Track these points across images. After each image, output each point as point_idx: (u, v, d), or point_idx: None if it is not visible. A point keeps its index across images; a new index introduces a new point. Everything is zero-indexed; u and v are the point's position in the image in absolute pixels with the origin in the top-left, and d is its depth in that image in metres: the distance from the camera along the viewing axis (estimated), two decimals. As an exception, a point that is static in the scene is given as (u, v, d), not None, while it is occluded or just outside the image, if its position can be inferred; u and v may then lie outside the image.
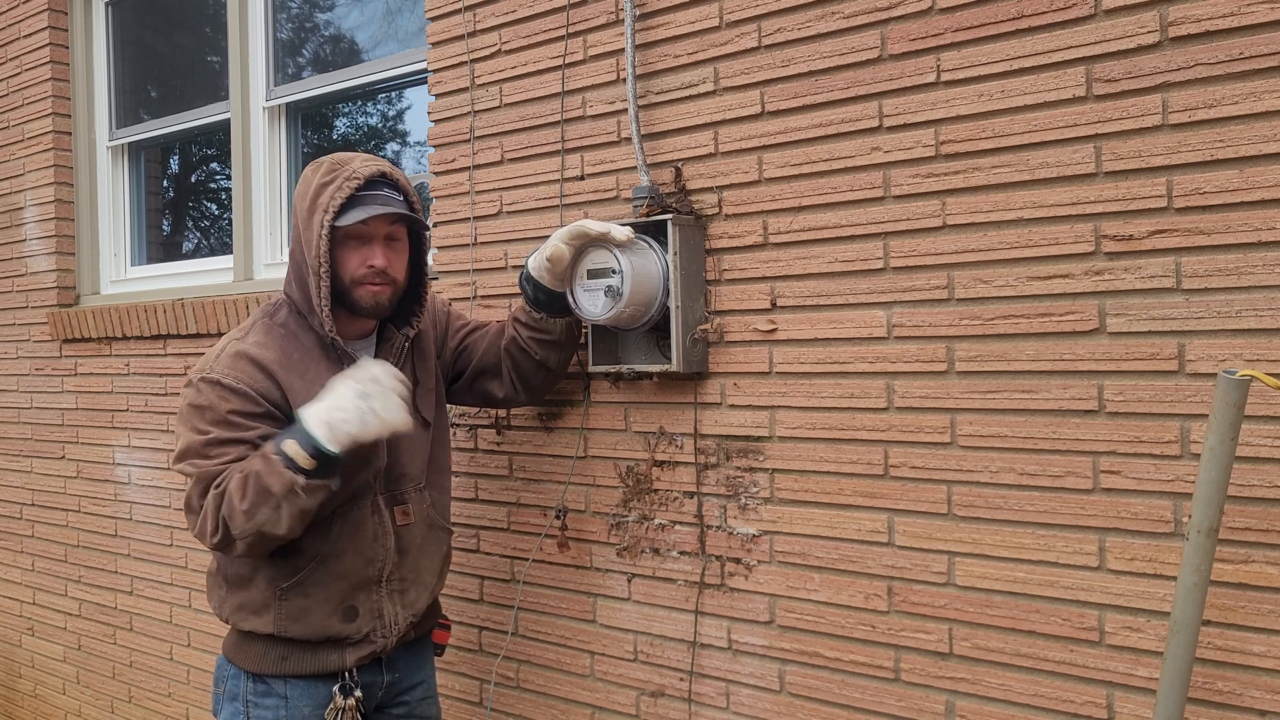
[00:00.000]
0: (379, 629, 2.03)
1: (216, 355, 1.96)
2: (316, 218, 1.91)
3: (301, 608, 1.98)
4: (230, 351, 1.95)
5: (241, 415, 1.90)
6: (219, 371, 1.93)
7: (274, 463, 1.82)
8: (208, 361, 1.96)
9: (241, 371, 1.92)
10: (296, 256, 1.98)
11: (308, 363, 1.97)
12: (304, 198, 1.95)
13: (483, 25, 2.48)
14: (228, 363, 1.94)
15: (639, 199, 2.10)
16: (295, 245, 1.99)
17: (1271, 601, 1.52)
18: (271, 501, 1.81)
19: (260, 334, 1.99)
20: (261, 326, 2.01)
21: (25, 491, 4.07)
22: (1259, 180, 1.51)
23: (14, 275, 4.05)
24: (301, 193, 1.97)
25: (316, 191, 1.93)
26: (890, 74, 1.85)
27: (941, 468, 1.81)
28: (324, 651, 2.00)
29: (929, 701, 1.83)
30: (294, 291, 2.01)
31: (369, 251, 1.95)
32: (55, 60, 3.89)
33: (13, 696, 4.25)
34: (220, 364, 1.94)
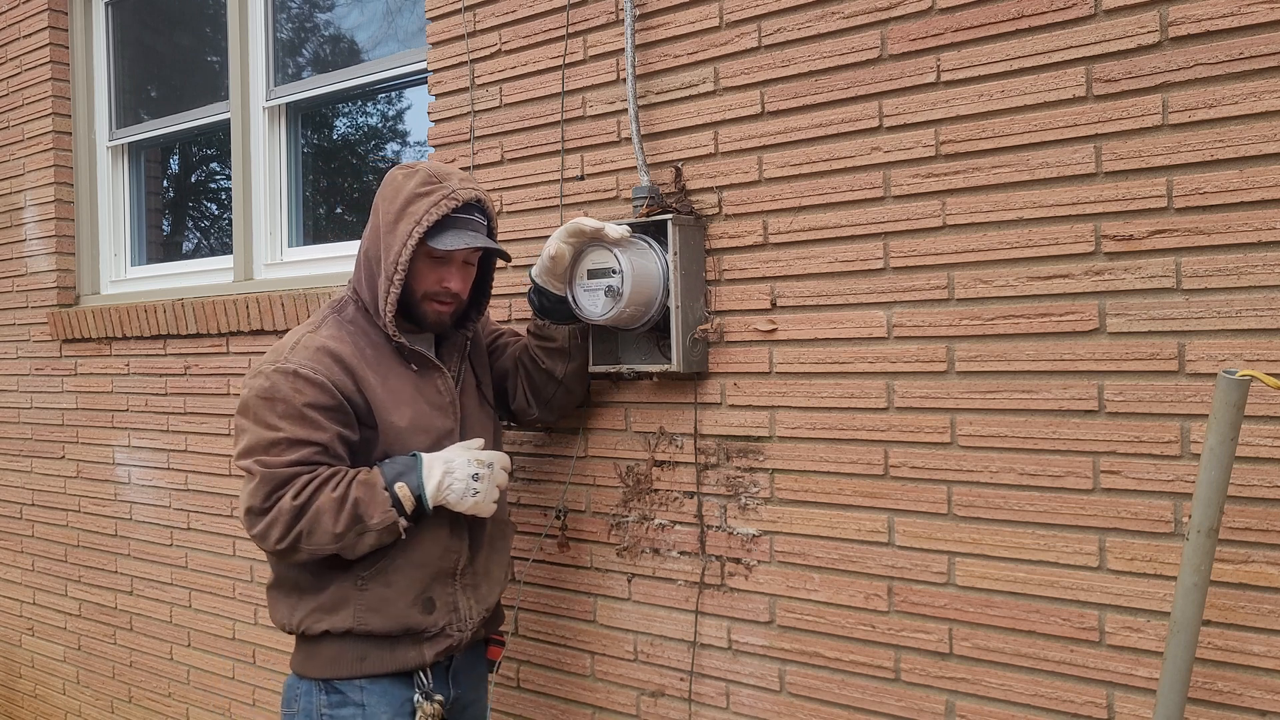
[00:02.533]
0: (455, 622, 1.99)
1: (291, 347, 1.91)
2: (404, 227, 1.88)
3: (382, 597, 1.93)
4: (307, 344, 1.91)
5: (317, 409, 1.86)
6: (296, 362, 1.87)
7: (380, 498, 1.83)
8: (280, 353, 1.91)
9: (320, 363, 1.88)
10: (370, 256, 1.96)
11: (381, 360, 1.96)
12: (391, 201, 1.93)
13: (483, 25, 2.48)
14: (306, 354, 1.89)
15: (639, 199, 2.10)
16: (371, 245, 1.96)
17: (1271, 601, 1.52)
18: (363, 531, 1.83)
19: (333, 328, 1.96)
20: (333, 322, 1.98)
21: (25, 491, 4.07)
22: (1259, 180, 1.51)
23: (14, 275, 4.05)
24: (389, 195, 1.94)
25: (409, 200, 1.90)
26: (890, 74, 1.85)
27: (941, 468, 1.81)
28: (402, 647, 1.95)
29: (929, 701, 1.83)
30: (364, 290, 1.99)
31: (446, 273, 1.95)
32: (55, 60, 3.89)
33: (13, 696, 4.25)
34: (297, 355, 1.89)
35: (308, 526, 1.82)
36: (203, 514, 3.35)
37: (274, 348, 1.96)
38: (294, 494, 1.82)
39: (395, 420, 1.94)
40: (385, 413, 1.93)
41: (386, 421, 1.93)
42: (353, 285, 2.03)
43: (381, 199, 1.96)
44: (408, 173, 1.96)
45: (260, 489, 1.84)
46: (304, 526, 1.82)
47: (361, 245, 2.01)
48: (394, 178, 1.96)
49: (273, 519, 1.83)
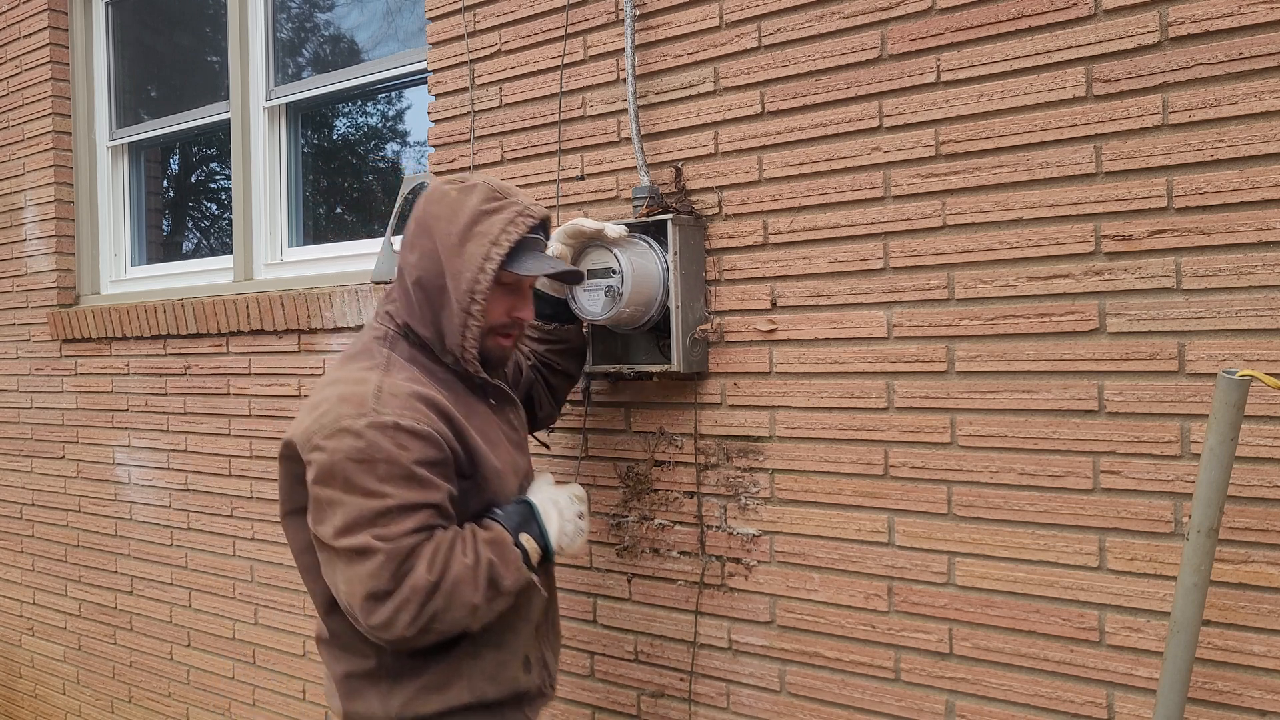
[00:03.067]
0: (546, 679, 1.84)
1: (375, 396, 1.60)
2: (476, 249, 1.66)
3: (498, 662, 1.72)
4: (392, 389, 1.62)
5: (426, 466, 1.59)
6: (392, 412, 1.58)
7: (511, 556, 1.63)
8: (362, 404, 1.59)
9: (419, 412, 1.61)
10: (426, 283, 1.70)
11: (459, 400, 1.72)
12: (450, 220, 1.68)
13: (483, 25, 2.48)
14: (399, 403, 1.60)
15: (639, 199, 2.10)
16: (427, 271, 1.70)
17: (1271, 601, 1.52)
18: (496, 597, 1.61)
19: (407, 370, 1.69)
20: (400, 362, 1.70)
21: (25, 491, 4.07)
22: (1259, 180, 1.51)
23: (14, 275, 4.05)
24: (444, 214, 1.70)
25: (476, 217, 1.68)
26: (890, 74, 1.84)
27: (941, 468, 1.81)
28: (509, 712, 1.75)
29: (929, 701, 1.83)
30: (420, 324, 1.72)
31: (518, 302, 1.75)
32: (55, 60, 3.89)
33: (13, 696, 4.25)
34: (389, 404, 1.60)
35: (444, 603, 1.55)
36: (203, 514, 3.35)
37: (338, 395, 1.62)
38: (426, 567, 1.54)
39: (495, 464, 1.72)
40: (485, 458, 1.69)
41: (490, 467, 1.70)
42: (396, 317, 1.75)
43: (433, 217, 1.70)
44: (463, 188, 1.72)
45: (385, 568, 1.53)
46: (439, 604, 1.55)
47: (406, 271, 1.73)
48: (445, 194, 1.72)
49: (402, 601, 1.53)
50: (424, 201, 1.74)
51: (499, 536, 1.64)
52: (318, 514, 1.59)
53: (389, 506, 1.55)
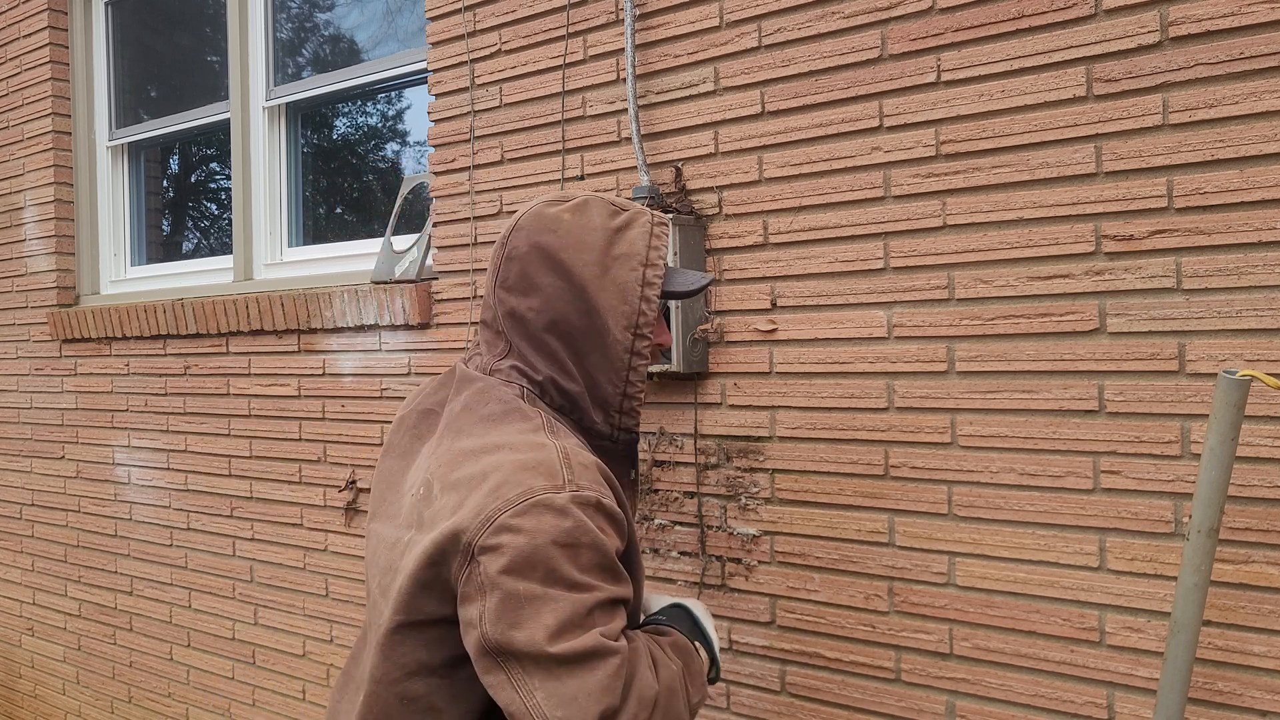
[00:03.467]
0: None
1: (565, 464, 1.28)
2: (629, 274, 1.37)
3: None
4: (579, 458, 1.31)
5: (621, 557, 1.31)
6: (590, 487, 1.28)
7: (696, 663, 1.39)
8: (555, 475, 1.26)
9: (608, 490, 1.32)
10: (571, 327, 1.38)
11: (618, 482, 1.41)
12: (581, 246, 1.38)
13: (483, 25, 2.47)
14: (592, 476, 1.30)
15: (639, 199, 2.10)
16: (564, 313, 1.38)
17: (1272, 602, 1.52)
18: (690, 711, 1.35)
19: (570, 435, 1.38)
20: (559, 423, 1.39)
21: (25, 491, 4.07)
22: (1259, 180, 1.51)
23: (14, 275, 4.05)
24: (572, 240, 1.39)
25: (610, 238, 1.39)
26: (890, 74, 1.84)
27: (942, 468, 1.81)
28: None
29: (929, 702, 1.83)
30: (563, 377, 1.40)
31: (660, 328, 1.47)
32: (55, 60, 3.89)
33: (13, 696, 4.25)
34: (583, 476, 1.29)
35: (662, 715, 1.27)
36: (203, 514, 3.35)
37: (514, 463, 1.28)
38: (650, 673, 1.27)
39: (640, 562, 1.44)
40: (638, 555, 1.41)
41: (639, 566, 1.42)
42: (533, 371, 1.41)
43: (554, 247, 1.39)
44: (572, 206, 1.43)
45: (618, 677, 1.21)
46: (659, 717, 1.27)
47: (527, 319, 1.40)
48: (556, 217, 1.41)
49: (633, 714, 1.23)
50: (530, 232, 1.41)
51: (682, 642, 1.39)
52: (511, 614, 1.21)
53: (599, 600, 1.23)
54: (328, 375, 2.94)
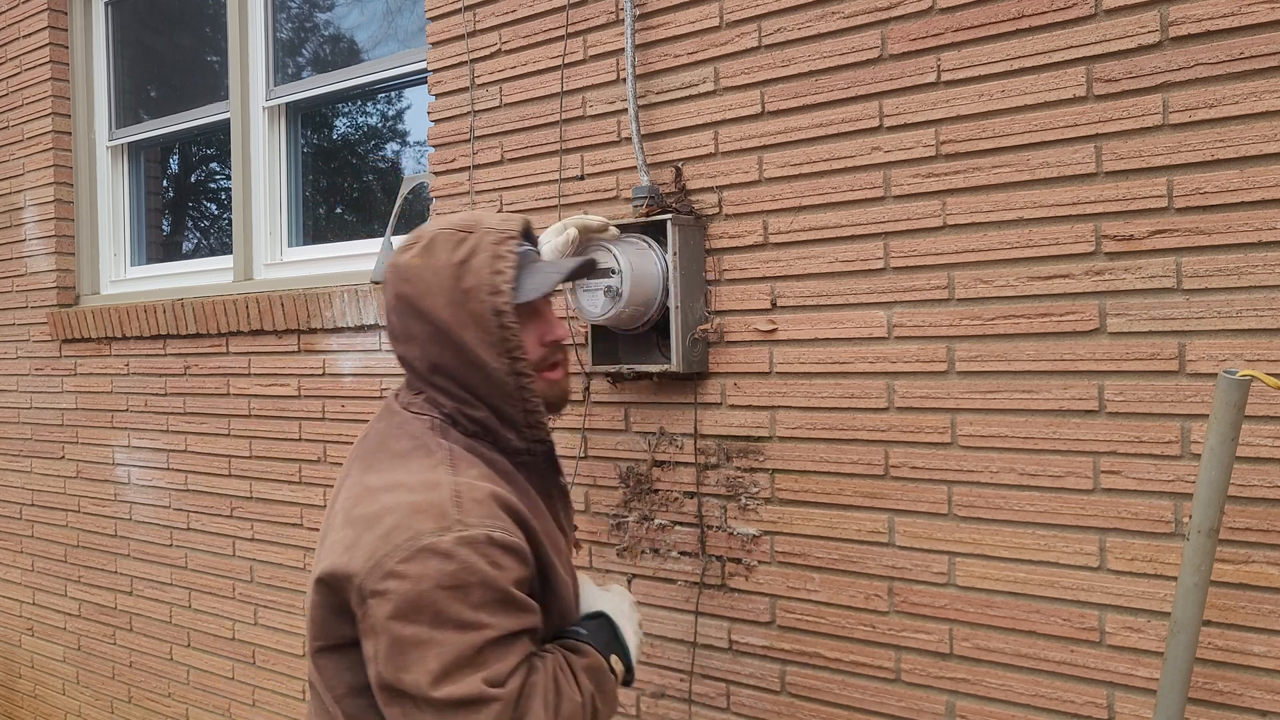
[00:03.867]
0: None
1: (455, 503, 1.32)
2: (482, 304, 1.40)
3: None
4: (471, 493, 1.34)
5: (521, 586, 1.33)
6: (480, 523, 1.31)
7: (609, 684, 1.41)
8: (444, 516, 1.30)
9: (506, 522, 1.34)
10: (449, 366, 1.44)
11: (531, 500, 1.47)
12: (432, 290, 1.43)
13: (483, 25, 2.47)
14: (484, 510, 1.33)
15: (639, 199, 2.10)
16: (440, 355, 1.44)
17: (1272, 602, 1.52)
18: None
19: (472, 466, 1.41)
20: (463, 455, 1.42)
21: (25, 491, 4.07)
22: (1259, 180, 1.51)
23: (14, 275, 4.05)
24: (423, 288, 1.43)
25: (456, 272, 1.42)
26: (890, 74, 1.84)
27: (942, 468, 1.81)
28: None
29: (929, 702, 1.83)
30: (467, 406, 1.45)
31: (543, 327, 1.50)
32: (55, 60, 3.89)
33: (13, 696, 4.25)
34: (472, 512, 1.32)
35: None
36: (203, 514, 3.35)
37: (408, 505, 1.32)
38: (542, 708, 1.29)
39: (564, 576, 1.47)
40: (556, 571, 1.44)
41: (560, 581, 1.45)
42: (440, 404, 1.47)
43: (413, 297, 1.44)
44: (420, 249, 1.46)
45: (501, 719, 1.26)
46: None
47: (415, 364, 1.48)
48: (408, 266, 1.46)
49: None
50: (392, 284, 1.47)
51: (596, 663, 1.41)
52: (398, 658, 1.26)
53: (488, 639, 1.27)
54: (328, 375, 2.94)
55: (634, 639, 1.51)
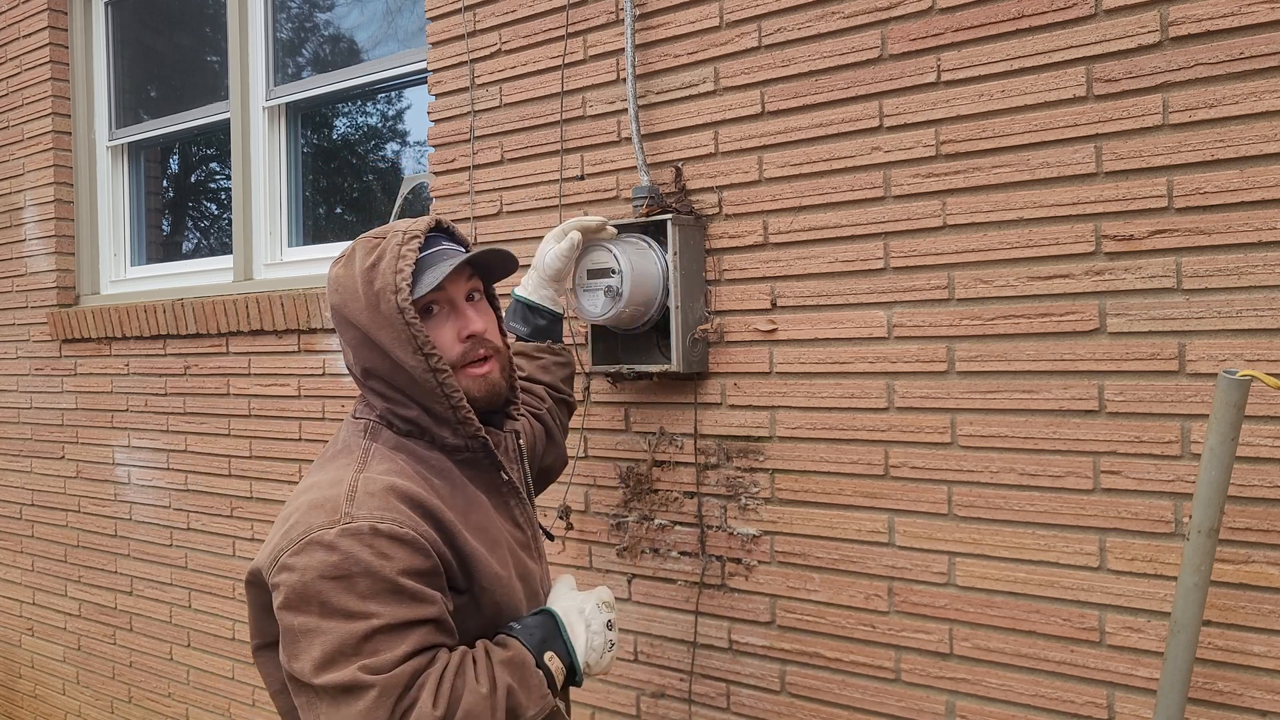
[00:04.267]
0: None
1: (348, 498, 1.37)
2: (387, 303, 1.44)
3: None
4: (368, 487, 1.39)
5: (416, 577, 1.35)
6: (367, 515, 1.35)
7: (535, 679, 1.39)
8: (333, 508, 1.36)
9: (400, 513, 1.37)
10: (378, 368, 1.48)
11: (455, 494, 1.49)
12: (353, 297, 1.47)
13: (483, 25, 2.47)
14: (376, 503, 1.37)
15: (639, 199, 2.10)
16: (368, 358, 1.49)
17: (1272, 602, 1.52)
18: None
19: (385, 462, 1.46)
20: (380, 453, 1.47)
21: (25, 491, 4.07)
22: (1259, 180, 1.51)
23: (14, 275, 4.05)
24: (346, 295, 1.49)
25: (367, 277, 1.46)
26: (890, 74, 1.84)
27: (942, 468, 1.81)
28: None
29: (929, 702, 1.83)
30: (399, 406, 1.50)
31: (462, 321, 1.52)
32: (55, 60, 3.89)
33: (13, 696, 4.25)
34: (363, 505, 1.36)
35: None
36: (203, 514, 3.35)
37: (309, 503, 1.39)
38: (430, 700, 1.29)
39: (498, 570, 1.48)
40: (484, 564, 1.46)
41: (490, 574, 1.46)
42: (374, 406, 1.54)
43: (339, 307, 1.50)
44: (343, 263, 1.53)
45: (380, 707, 1.27)
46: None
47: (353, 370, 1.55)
48: (335, 279, 1.53)
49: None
50: (329, 296, 1.54)
51: (519, 656, 1.40)
52: (290, 647, 1.32)
53: (374, 628, 1.29)
54: (328, 375, 2.94)
55: (584, 638, 1.49)
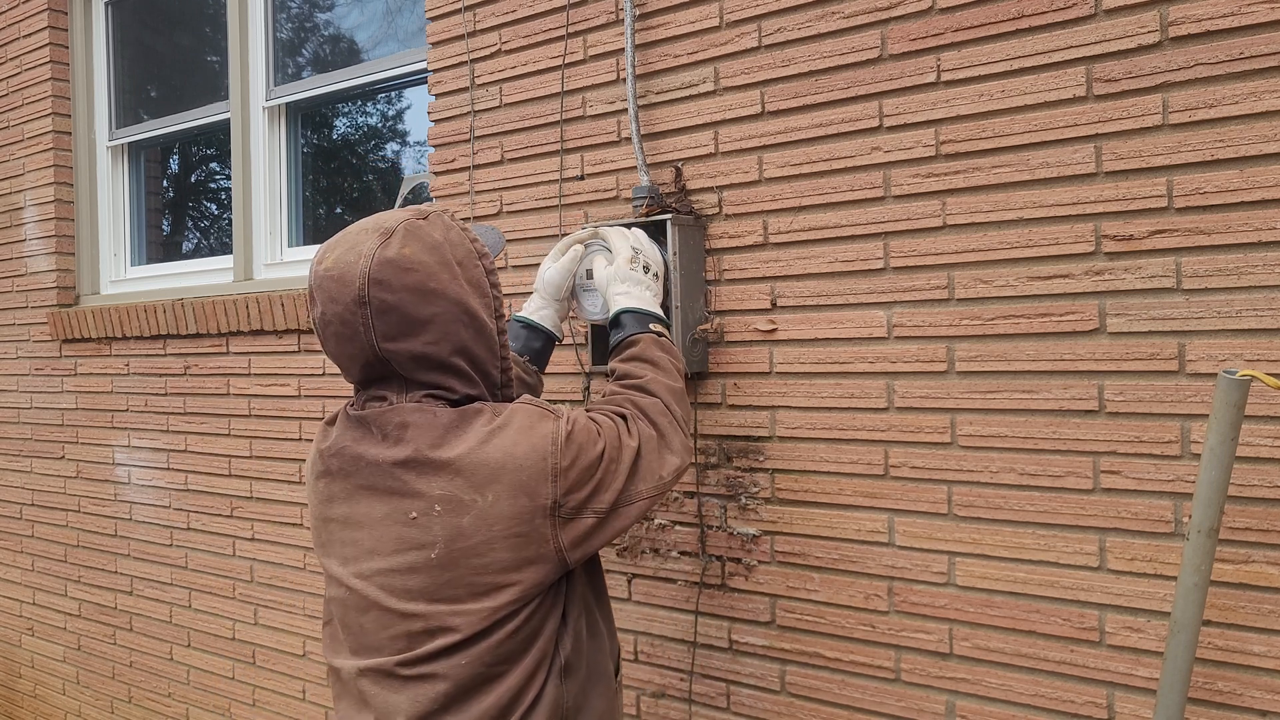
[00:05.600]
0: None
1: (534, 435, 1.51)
2: (475, 269, 1.54)
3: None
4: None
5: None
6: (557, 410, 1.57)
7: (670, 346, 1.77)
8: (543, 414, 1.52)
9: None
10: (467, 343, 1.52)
11: None
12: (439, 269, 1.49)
13: (483, 25, 2.48)
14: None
15: (639, 199, 2.10)
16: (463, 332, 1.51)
17: (1271, 601, 1.52)
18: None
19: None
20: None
21: (25, 491, 4.07)
22: (1259, 180, 1.51)
23: (14, 275, 4.05)
24: (429, 271, 1.48)
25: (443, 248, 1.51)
26: (890, 74, 1.84)
27: (941, 468, 1.81)
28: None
29: (929, 701, 1.83)
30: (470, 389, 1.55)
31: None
32: (55, 60, 3.89)
33: (13, 696, 4.25)
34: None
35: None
36: (203, 514, 3.35)
37: (510, 446, 1.48)
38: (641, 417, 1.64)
39: None
40: None
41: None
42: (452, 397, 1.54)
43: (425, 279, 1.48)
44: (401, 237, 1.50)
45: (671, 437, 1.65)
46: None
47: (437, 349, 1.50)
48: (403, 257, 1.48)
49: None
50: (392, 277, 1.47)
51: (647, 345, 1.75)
52: (605, 482, 1.56)
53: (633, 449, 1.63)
54: (328, 375, 2.94)
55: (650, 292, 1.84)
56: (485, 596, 1.46)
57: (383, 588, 1.49)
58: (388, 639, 1.49)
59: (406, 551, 1.47)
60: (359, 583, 1.52)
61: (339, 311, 1.48)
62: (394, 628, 1.49)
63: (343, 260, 1.48)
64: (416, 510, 1.47)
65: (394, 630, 1.49)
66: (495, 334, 1.55)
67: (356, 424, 1.55)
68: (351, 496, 1.54)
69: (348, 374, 1.56)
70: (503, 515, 1.45)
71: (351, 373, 1.55)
